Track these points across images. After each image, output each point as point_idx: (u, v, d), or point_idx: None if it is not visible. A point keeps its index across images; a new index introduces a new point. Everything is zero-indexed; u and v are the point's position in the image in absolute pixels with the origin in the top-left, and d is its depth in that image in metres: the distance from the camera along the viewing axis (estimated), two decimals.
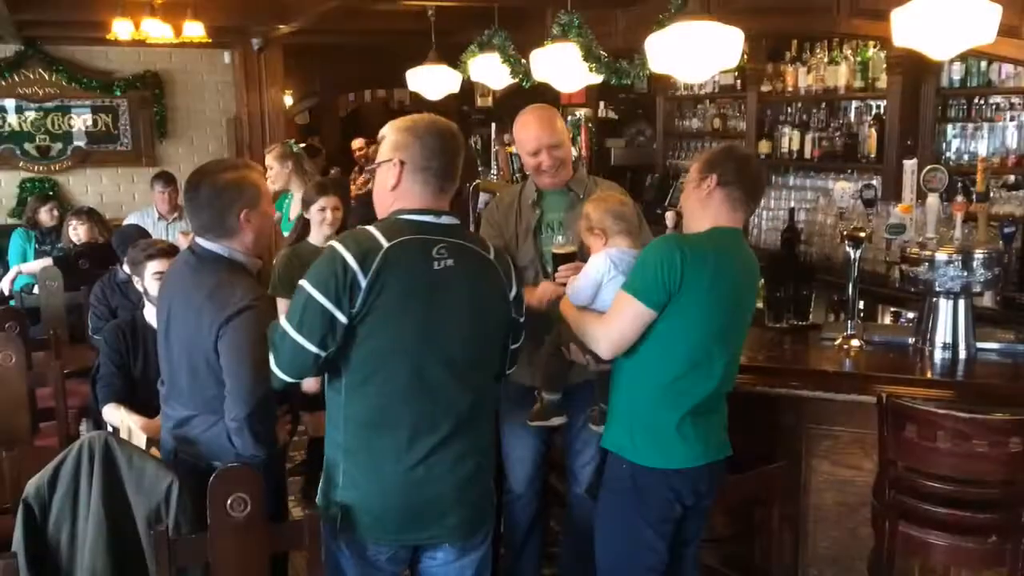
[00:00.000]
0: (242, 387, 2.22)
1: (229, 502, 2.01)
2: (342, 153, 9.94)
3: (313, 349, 1.99)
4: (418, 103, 12.01)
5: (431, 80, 5.00)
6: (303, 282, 2.01)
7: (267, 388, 2.17)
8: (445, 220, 2.05)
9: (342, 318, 1.97)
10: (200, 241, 2.35)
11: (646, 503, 2.33)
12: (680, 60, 2.79)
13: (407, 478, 2.03)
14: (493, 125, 6.16)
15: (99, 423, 3.67)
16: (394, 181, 2.05)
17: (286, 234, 4.56)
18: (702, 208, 2.35)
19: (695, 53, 2.71)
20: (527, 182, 3.01)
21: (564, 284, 2.61)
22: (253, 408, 2.21)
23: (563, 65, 3.41)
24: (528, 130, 2.88)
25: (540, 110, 2.94)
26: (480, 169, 6.27)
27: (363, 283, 1.95)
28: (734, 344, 2.39)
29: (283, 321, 2.04)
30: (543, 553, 3.24)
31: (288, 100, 8.06)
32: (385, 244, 1.97)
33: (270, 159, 4.85)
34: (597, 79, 3.46)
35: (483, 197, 5.50)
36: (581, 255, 2.70)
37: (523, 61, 4.04)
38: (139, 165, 7.46)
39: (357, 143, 9.34)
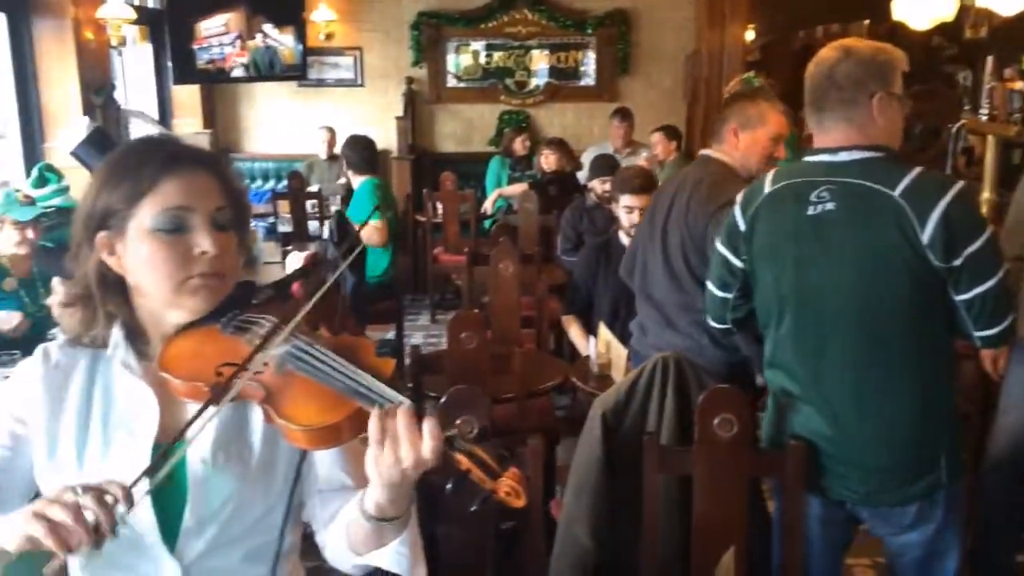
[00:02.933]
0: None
1: (716, 421, 2.06)
2: (794, 90, 9.57)
3: (718, 293, 2.13)
4: (876, 37, 11.09)
5: (921, 7, 4.56)
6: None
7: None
8: (843, 157, 1.86)
9: (737, 262, 2.05)
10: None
11: None
12: None
13: (803, 427, 1.97)
14: (990, 59, 5.45)
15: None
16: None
17: None
18: None
19: None
20: None
21: None
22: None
23: None
24: None
25: None
26: (966, 108, 5.62)
27: (743, 229, 2.01)
28: None
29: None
30: (1018, 538, 2.89)
31: (749, 35, 7.89)
32: (767, 190, 1.97)
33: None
34: None
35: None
36: None
37: None
38: (600, 100, 7.86)
39: None
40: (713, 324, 2.21)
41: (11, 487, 1.19)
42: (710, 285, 2.16)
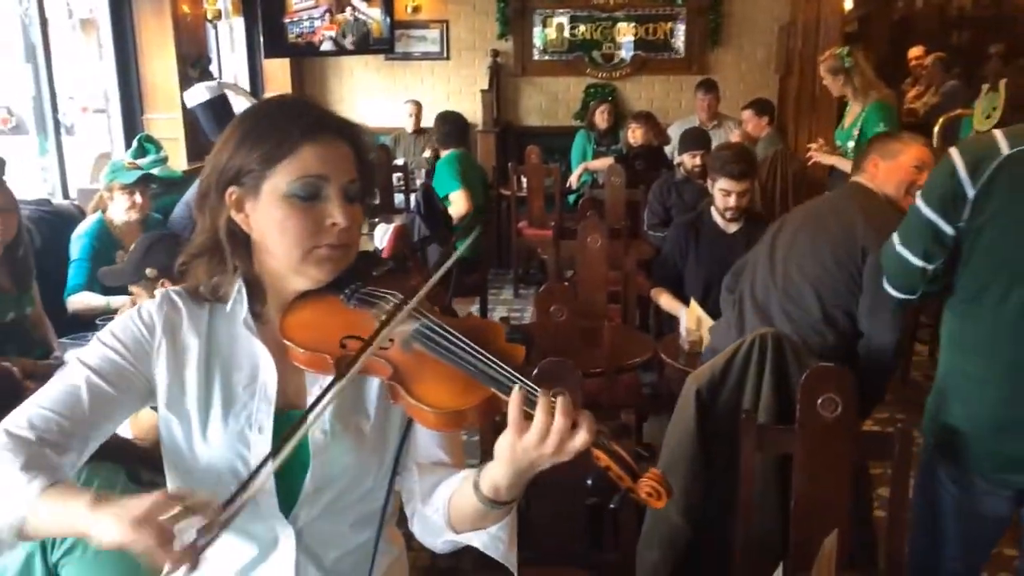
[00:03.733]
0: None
1: (820, 401, 1.99)
2: (891, 62, 9.20)
3: (917, 263, 1.92)
4: (982, 7, 10.52)
5: None
6: (918, 193, 1.94)
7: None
8: None
9: (948, 230, 1.85)
10: None
11: None
12: None
13: (999, 415, 1.83)
14: None
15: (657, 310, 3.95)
16: None
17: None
18: None
19: None
20: None
21: None
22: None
23: None
24: None
25: None
26: None
27: (970, 194, 1.79)
28: None
29: (894, 235, 2.00)
30: None
31: (847, 5, 7.58)
32: (1005, 151, 1.76)
33: (822, 70, 4.73)
34: None
35: None
36: None
37: None
38: (689, 73, 7.66)
39: (916, 51, 8.57)
40: (895, 293, 2.07)
41: (102, 423, 1.14)
42: (906, 253, 1.96)
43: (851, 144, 4.47)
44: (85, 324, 2.78)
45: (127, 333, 1.19)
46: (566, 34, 7.83)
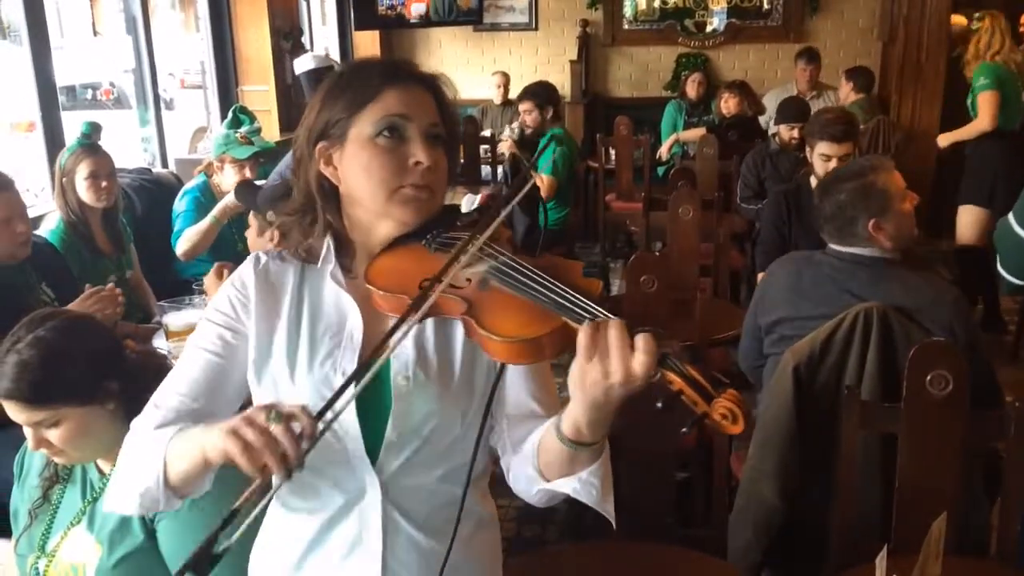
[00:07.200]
0: None
1: (929, 378, 1.89)
2: (1013, 24, 8.72)
3: (1017, 282, 2.04)
4: None
5: None
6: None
7: None
8: None
9: None
10: None
11: None
12: None
13: None
14: None
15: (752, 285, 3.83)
16: None
17: None
18: None
19: None
20: None
21: None
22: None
23: None
24: None
25: None
26: None
27: None
28: None
29: (1010, 217, 2.02)
30: None
31: None
32: None
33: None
34: None
35: None
36: None
37: None
38: (786, 41, 7.41)
39: None
40: (1013, 279, 2.12)
41: (223, 394, 1.23)
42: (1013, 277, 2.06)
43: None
44: (184, 288, 2.85)
45: (225, 303, 1.25)
46: (657, 3, 7.65)
